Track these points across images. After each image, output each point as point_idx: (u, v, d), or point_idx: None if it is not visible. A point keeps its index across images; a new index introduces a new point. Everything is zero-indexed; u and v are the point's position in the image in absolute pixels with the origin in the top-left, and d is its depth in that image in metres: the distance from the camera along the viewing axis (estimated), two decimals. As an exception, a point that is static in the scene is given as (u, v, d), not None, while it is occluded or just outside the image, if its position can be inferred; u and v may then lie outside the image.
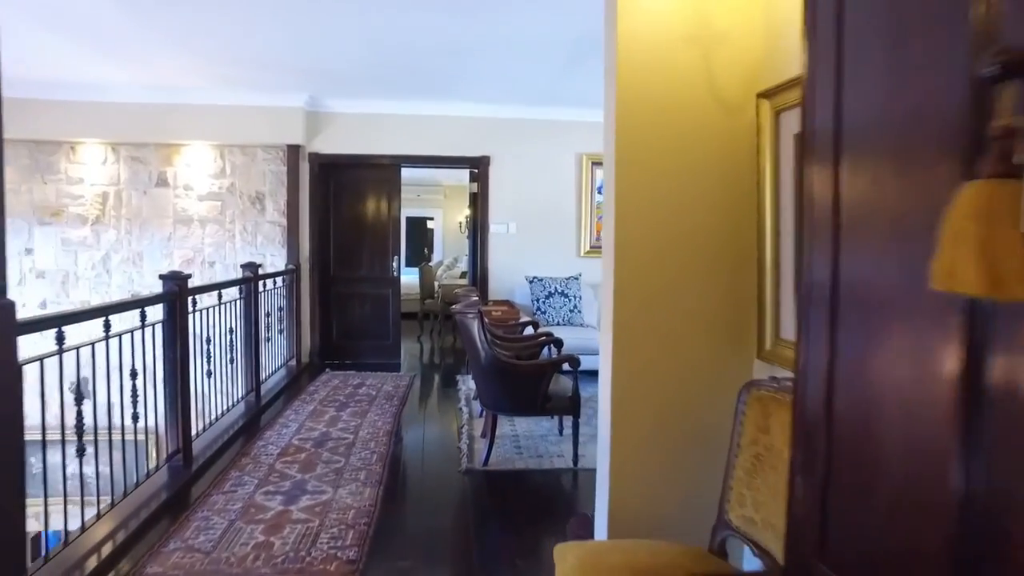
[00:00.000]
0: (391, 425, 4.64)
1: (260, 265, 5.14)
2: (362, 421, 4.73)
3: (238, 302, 4.90)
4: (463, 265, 12.47)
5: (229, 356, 4.71)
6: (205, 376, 4.32)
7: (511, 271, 6.86)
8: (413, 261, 14.42)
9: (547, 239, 6.94)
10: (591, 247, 6.99)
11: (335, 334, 6.95)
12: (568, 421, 4.13)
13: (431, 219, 14.89)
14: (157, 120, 6.19)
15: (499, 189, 6.83)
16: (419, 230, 15.02)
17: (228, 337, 4.68)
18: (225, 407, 4.73)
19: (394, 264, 6.97)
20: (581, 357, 4.38)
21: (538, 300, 6.28)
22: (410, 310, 9.70)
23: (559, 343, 4.69)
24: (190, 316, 3.88)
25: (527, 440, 4.33)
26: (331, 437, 4.35)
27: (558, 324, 6.23)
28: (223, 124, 6.27)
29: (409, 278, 11.07)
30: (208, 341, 4.56)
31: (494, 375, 3.72)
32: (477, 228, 6.97)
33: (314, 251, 6.65)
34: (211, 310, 4.38)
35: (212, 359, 4.40)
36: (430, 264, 9.46)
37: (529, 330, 5.32)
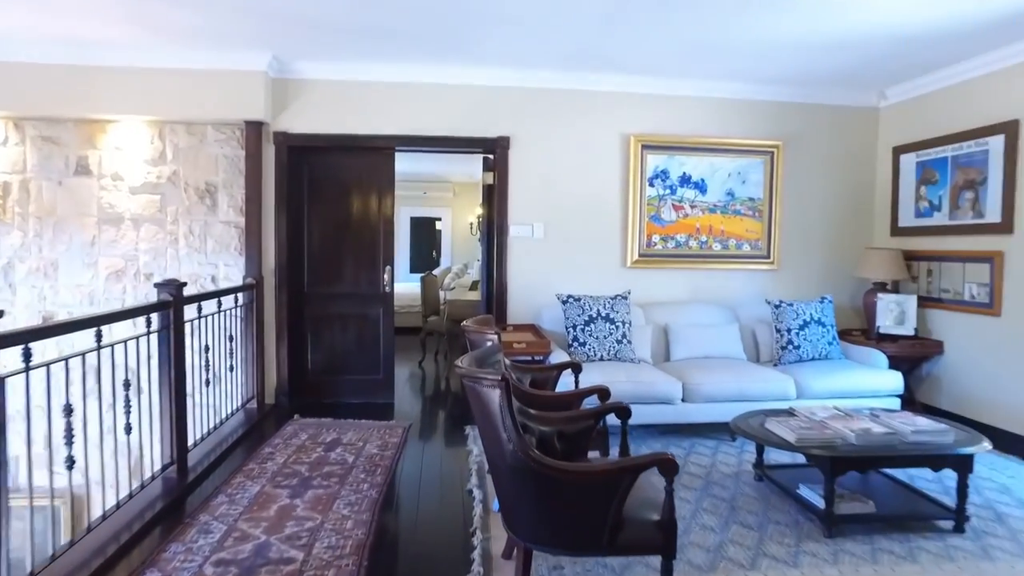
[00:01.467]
0: (367, 526, 3.08)
1: (185, 284, 3.60)
2: (324, 517, 3.17)
3: (149, 338, 3.36)
4: (474, 273, 10.92)
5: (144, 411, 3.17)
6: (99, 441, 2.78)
7: (537, 287, 5.29)
8: (420, 266, 12.92)
9: (584, 246, 5.36)
10: (641, 255, 5.41)
11: (310, 367, 5.41)
12: (655, 564, 2.59)
13: (439, 220, 13.36)
14: (74, 87, 4.68)
15: (522, 180, 5.27)
16: (426, 232, 13.50)
17: (149, 382, 3.15)
18: (127, 492, 3.21)
19: (385, 277, 5.42)
20: (631, 405, 3.01)
21: (574, 327, 4.71)
22: (412, 324, 8.16)
23: (626, 413, 2.99)
24: (90, 357, 2.35)
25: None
26: (269, 555, 2.80)
27: (601, 359, 4.66)
28: (162, 93, 4.75)
29: (414, 286, 9.52)
30: (126, 387, 3.08)
31: (526, 484, 2.16)
32: (492, 231, 5.41)
33: (281, 261, 5.11)
34: (120, 348, 2.84)
35: (122, 414, 2.86)
36: (434, 273, 7.89)
37: (568, 382, 3.75)
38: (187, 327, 3.70)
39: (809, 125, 5.57)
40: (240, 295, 4.81)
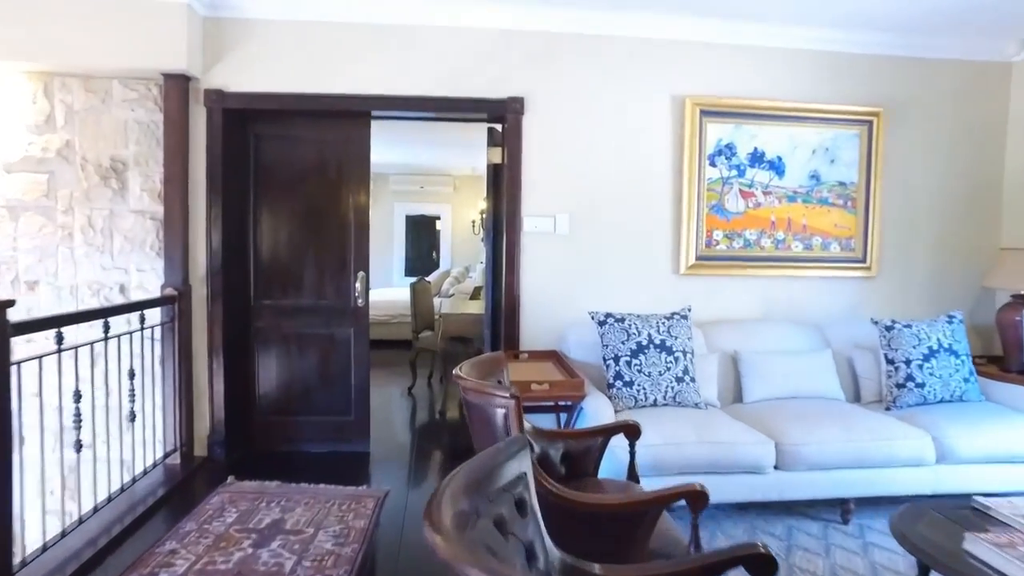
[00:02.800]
0: None
1: (12, 302, 2.26)
2: None
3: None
4: (476, 277, 9.58)
5: None
6: None
7: (560, 299, 3.94)
8: (419, 268, 11.60)
9: (623, 245, 4.02)
10: (698, 258, 4.06)
11: (257, 405, 4.08)
12: None
13: (438, 218, 12.02)
14: (-76, 24, 3.36)
15: (540, 157, 3.93)
16: (425, 231, 12.16)
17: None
18: None
19: (358, 286, 4.08)
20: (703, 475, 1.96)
21: (616, 359, 3.36)
22: (406, 337, 6.80)
23: (702, 501, 1.80)
24: None
25: None
26: None
27: (655, 403, 3.31)
28: (47, 33, 3.42)
29: (408, 292, 8.17)
30: None
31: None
32: (501, 225, 4.08)
33: (216, 264, 3.78)
34: None
35: None
36: (428, 279, 6.53)
37: (618, 459, 2.43)
38: (55, 360, 2.36)
39: (920, 86, 4.22)
40: (163, 311, 3.48)
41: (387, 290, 9.75)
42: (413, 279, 11.41)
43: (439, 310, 6.52)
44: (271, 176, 4.02)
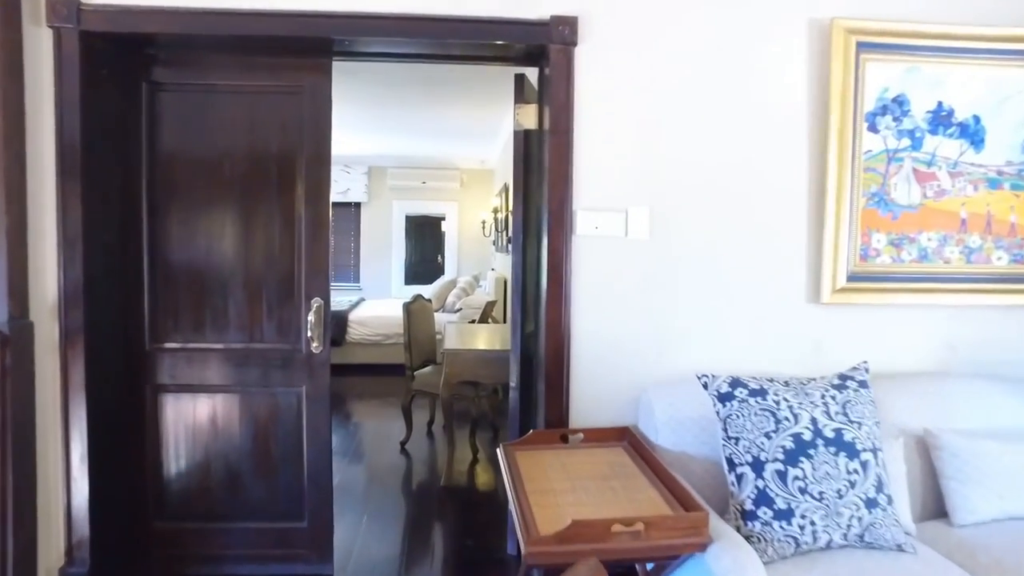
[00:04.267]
0: None
1: None
2: None
3: None
4: (488, 287, 8.11)
5: None
6: None
7: (635, 344, 2.45)
8: (422, 274, 10.17)
9: (734, 256, 2.52)
10: (850, 278, 2.56)
11: (154, 505, 2.61)
12: None
13: (443, 219, 10.56)
14: None
15: (601, 115, 2.44)
16: (429, 233, 10.71)
17: None
18: None
19: (311, 318, 2.58)
20: None
21: (755, 463, 1.86)
22: (399, 360, 5.18)
23: None
24: None
25: None
26: None
27: (827, 546, 1.82)
28: None
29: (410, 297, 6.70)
30: None
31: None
32: (537, 224, 2.61)
33: (75, 286, 2.32)
34: None
35: None
36: (426, 297, 5.03)
37: None
38: None
39: None
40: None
41: (382, 303, 8.28)
42: (414, 287, 10.07)
43: (441, 334, 5.02)
44: (177, 150, 2.55)
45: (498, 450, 2.12)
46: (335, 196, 10.32)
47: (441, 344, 4.70)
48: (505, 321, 7.01)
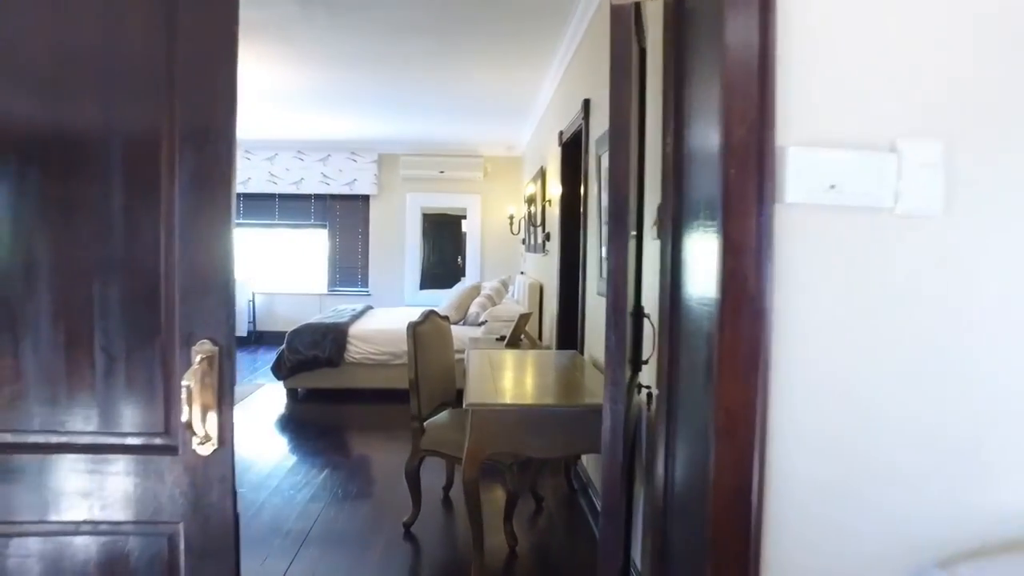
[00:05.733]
0: None
1: None
2: None
3: None
4: (519, 293, 6.73)
5: None
6: None
7: (912, 462, 1.06)
8: (441, 277, 8.90)
9: None
10: None
11: None
12: None
13: (463, 217, 9.23)
14: None
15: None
16: (448, 233, 9.40)
17: None
18: None
19: (187, 384, 1.21)
20: None
21: None
22: (405, 386, 3.68)
23: None
24: None
25: None
26: None
27: None
28: None
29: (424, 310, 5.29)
30: None
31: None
32: (670, 188, 1.25)
33: None
34: None
35: None
36: (442, 315, 3.61)
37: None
38: None
39: None
40: None
41: (392, 313, 6.94)
42: (431, 293, 8.71)
43: (463, 357, 3.61)
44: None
45: None
46: (339, 188, 8.87)
47: (462, 375, 3.33)
48: (541, 339, 5.62)
